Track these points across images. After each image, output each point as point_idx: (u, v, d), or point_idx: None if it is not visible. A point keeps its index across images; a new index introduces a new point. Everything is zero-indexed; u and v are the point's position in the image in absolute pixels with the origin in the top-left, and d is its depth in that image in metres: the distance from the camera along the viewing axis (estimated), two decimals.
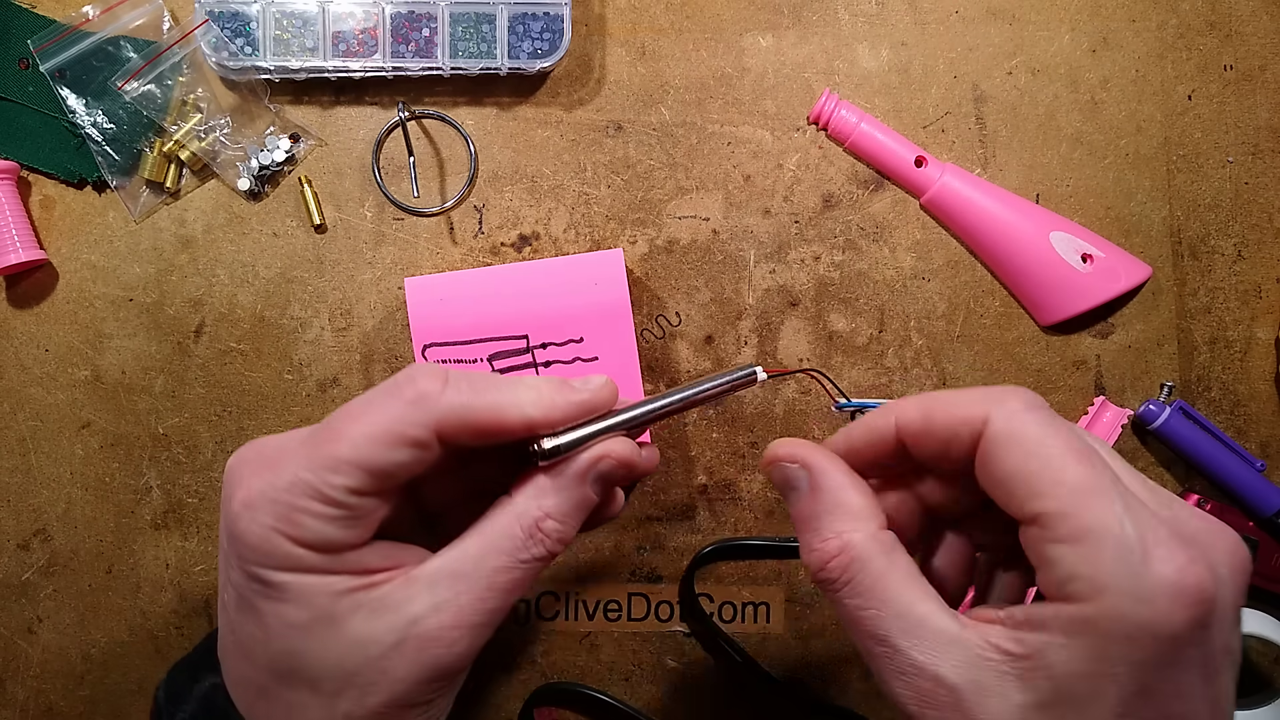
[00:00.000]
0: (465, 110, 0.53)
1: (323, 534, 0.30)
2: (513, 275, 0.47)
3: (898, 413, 0.31)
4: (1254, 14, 0.54)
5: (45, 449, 0.52)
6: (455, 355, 0.46)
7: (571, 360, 0.46)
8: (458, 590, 0.33)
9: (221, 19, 0.50)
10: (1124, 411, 0.53)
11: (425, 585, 0.33)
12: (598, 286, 0.47)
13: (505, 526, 0.34)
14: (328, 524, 0.30)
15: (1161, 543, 0.25)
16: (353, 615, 0.32)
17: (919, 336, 0.54)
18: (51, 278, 0.52)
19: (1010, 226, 0.52)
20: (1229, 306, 0.54)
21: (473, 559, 0.33)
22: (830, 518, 0.31)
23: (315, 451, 0.30)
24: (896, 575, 0.29)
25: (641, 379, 0.46)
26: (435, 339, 0.46)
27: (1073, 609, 0.25)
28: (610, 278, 0.47)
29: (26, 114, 0.51)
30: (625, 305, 0.47)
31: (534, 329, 0.47)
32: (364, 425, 0.30)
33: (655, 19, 0.54)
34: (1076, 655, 0.25)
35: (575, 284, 0.47)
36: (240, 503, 0.30)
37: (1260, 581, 0.52)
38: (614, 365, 0.46)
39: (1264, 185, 0.54)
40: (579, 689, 0.53)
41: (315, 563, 0.31)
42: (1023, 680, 0.26)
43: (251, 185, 0.52)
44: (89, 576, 0.52)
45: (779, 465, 0.33)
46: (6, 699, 0.52)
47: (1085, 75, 0.54)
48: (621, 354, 0.47)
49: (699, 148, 0.53)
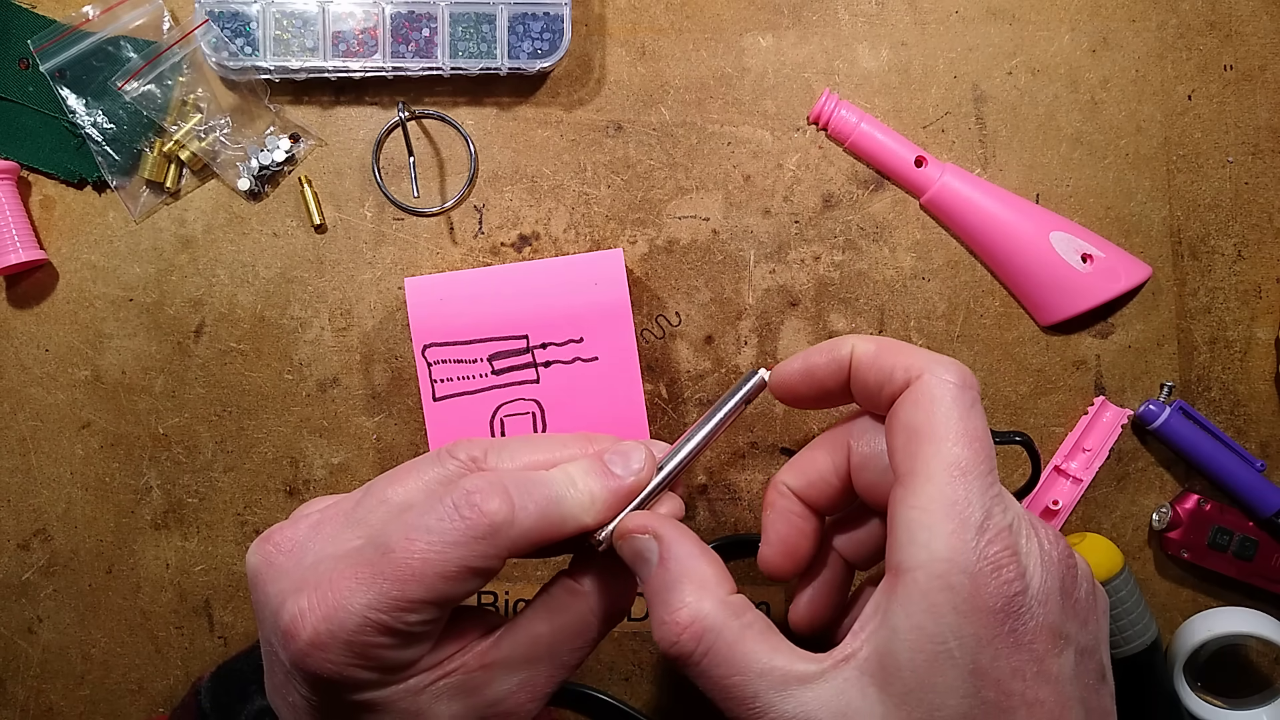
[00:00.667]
0: (465, 110, 0.53)
1: (400, 658, 0.30)
2: (512, 275, 0.47)
3: (855, 342, 0.32)
4: (1254, 14, 0.54)
5: (45, 449, 0.52)
6: (455, 355, 0.46)
7: (571, 360, 0.46)
8: (534, 672, 0.33)
9: (221, 19, 0.50)
10: (1124, 412, 0.53)
11: (502, 670, 0.33)
12: (598, 286, 0.47)
13: (580, 617, 0.34)
14: (403, 650, 0.30)
15: (997, 528, 0.27)
16: (435, 704, 0.32)
17: (919, 336, 0.54)
18: (51, 278, 0.52)
19: (1010, 226, 0.52)
20: (1229, 306, 0.54)
21: (546, 645, 0.34)
22: (680, 588, 0.30)
23: (384, 588, 0.29)
24: (752, 636, 0.29)
25: (641, 379, 0.46)
26: (435, 339, 0.46)
27: (907, 578, 0.27)
28: (610, 277, 0.47)
29: (26, 114, 0.51)
30: (625, 305, 0.47)
31: (534, 329, 0.47)
32: (436, 564, 0.29)
33: (655, 19, 0.54)
34: (914, 639, 0.26)
35: (575, 284, 0.47)
36: (309, 644, 0.29)
37: (1261, 581, 0.52)
38: (614, 365, 0.46)
39: (1264, 185, 0.54)
40: (579, 689, 0.53)
41: (394, 675, 0.31)
42: (881, 687, 0.27)
43: (251, 185, 0.52)
44: (89, 576, 0.52)
45: (630, 538, 0.32)
46: (6, 699, 0.52)
47: (1085, 75, 0.54)
48: (621, 354, 0.47)
49: (699, 148, 0.53)
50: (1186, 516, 0.52)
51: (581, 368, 0.47)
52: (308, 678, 0.30)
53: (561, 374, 0.47)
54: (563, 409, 0.46)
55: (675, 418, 0.53)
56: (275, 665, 0.32)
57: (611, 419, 0.46)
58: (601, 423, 0.46)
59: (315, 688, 0.30)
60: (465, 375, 0.46)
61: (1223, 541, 0.51)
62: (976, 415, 0.29)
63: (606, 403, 0.46)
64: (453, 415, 0.46)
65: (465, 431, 0.44)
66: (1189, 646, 0.51)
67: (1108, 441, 0.53)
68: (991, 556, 0.26)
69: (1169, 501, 0.53)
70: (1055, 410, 0.54)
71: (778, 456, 0.53)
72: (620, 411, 0.46)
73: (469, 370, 0.46)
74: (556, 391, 0.46)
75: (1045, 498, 0.53)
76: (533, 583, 0.53)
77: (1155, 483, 0.54)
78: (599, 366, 0.47)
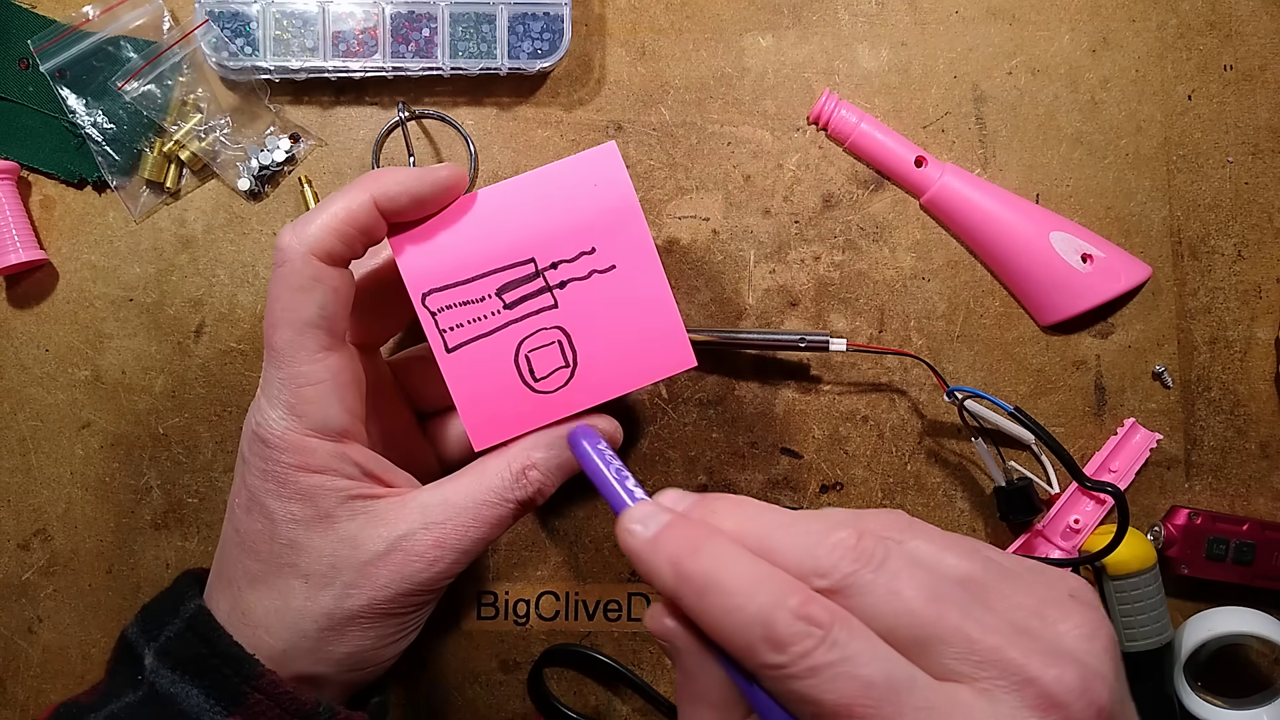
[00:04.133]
0: (465, 110, 0.53)
1: (328, 411, 0.37)
2: (501, 195, 0.41)
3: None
4: (1254, 14, 0.54)
5: (45, 449, 0.52)
6: (459, 297, 0.40)
7: (587, 274, 0.41)
8: (448, 516, 0.38)
9: (221, 19, 0.50)
10: (1154, 435, 0.53)
11: (419, 507, 0.38)
12: (598, 188, 0.41)
13: (497, 468, 0.39)
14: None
15: None
16: (350, 519, 0.37)
17: (919, 336, 0.54)
18: (51, 278, 0.52)
19: (1010, 226, 0.52)
20: (1229, 306, 0.54)
21: (464, 492, 0.38)
22: (699, 705, 0.31)
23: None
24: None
25: (667, 279, 0.41)
26: (433, 284, 0.40)
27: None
28: (609, 176, 0.41)
29: (26, 114, 0.51)
30: (632, 202, 0.41)
31: (539, 249, 0.41)
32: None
33: (655, 19, 0.54)
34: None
35: (573, 190, 0.41)
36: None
37: (1263, 583, 0.52)
38: (634, 270, 0.41)
39: (1264, 185, 0.54)
40: (580, 650, 0.53)
41: (325, 459, 0.37)
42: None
43: (251, 185, 0.52)
44: (89, 576, 0.52)
45: (656, 638, 0.33)
46: (6, 699, 0.52)
47: (1085, 75, 0.54)
48: (640, 256, 0.41)
49: (699, 148, 0.53)
50: (1180, 533, 0.51)
51: (600, 281, 0.41)
52: (255, 447, 0.38)
53: (580, 292, 0.41)
54: (590, 331, 0.41)
55: (675, 418, 0.53)
56: (240, 454, 0.39)
57: (643, 331, 0.41)
58: (633, 336, 0.41)
59: (261, 455, 0.37)
60: (475, 317, 0.40)
61: (1220, 551, 0.51)
62: None
63: (635, 314, 0.41)
64: (472, 363, 0.40)
65: (490, 380, 0.40)
66: (1189, 646, 0.51)
67: (1135, 464, 0.53)
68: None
69: (1160, 520, 0.53)
70: (1055, 410, 0.54)
71: (778, 456, 0.53)
72: (651, 320, 0.41)
73: (478, 311, 0.40)
74: (579, 313, 0.41)
75: (1066, 517, 0.52)
76: (533, 582, 0.53)
77: (1155, 484, 0.54)
78: (618, 276, 0.41)
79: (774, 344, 0.51)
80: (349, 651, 0.38)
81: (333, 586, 0.37)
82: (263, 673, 0.36)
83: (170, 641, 0.38)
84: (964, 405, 0.50)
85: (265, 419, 0.37)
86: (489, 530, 0.39)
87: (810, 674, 0.25)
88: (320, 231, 0.36)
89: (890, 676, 0.24)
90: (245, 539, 0.38)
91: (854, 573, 0.27)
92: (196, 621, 0.38)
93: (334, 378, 0.37)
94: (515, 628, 0.53)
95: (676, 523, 0.30)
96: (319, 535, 0.37)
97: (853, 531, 0.27)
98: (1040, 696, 0.24)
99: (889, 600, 0.26)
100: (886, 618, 0.26)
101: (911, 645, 0.26)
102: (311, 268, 0.36)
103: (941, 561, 0.28)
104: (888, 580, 0.26)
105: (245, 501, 0.38)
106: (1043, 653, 0.25)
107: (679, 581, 0.28)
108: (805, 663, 0.25)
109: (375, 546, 0.37)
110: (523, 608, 0.53)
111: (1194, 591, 0.53)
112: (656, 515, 0.31)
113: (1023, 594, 0.27)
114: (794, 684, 0.25)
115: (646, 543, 0.30)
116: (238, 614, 0.38)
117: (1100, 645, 0.26)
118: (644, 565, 0.30)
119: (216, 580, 0.40)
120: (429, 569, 0.37)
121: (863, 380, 0.54)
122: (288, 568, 0.37)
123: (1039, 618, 0.27)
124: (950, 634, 0.25)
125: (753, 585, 0.26)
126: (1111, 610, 0.51)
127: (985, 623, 0.26)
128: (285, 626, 0.37)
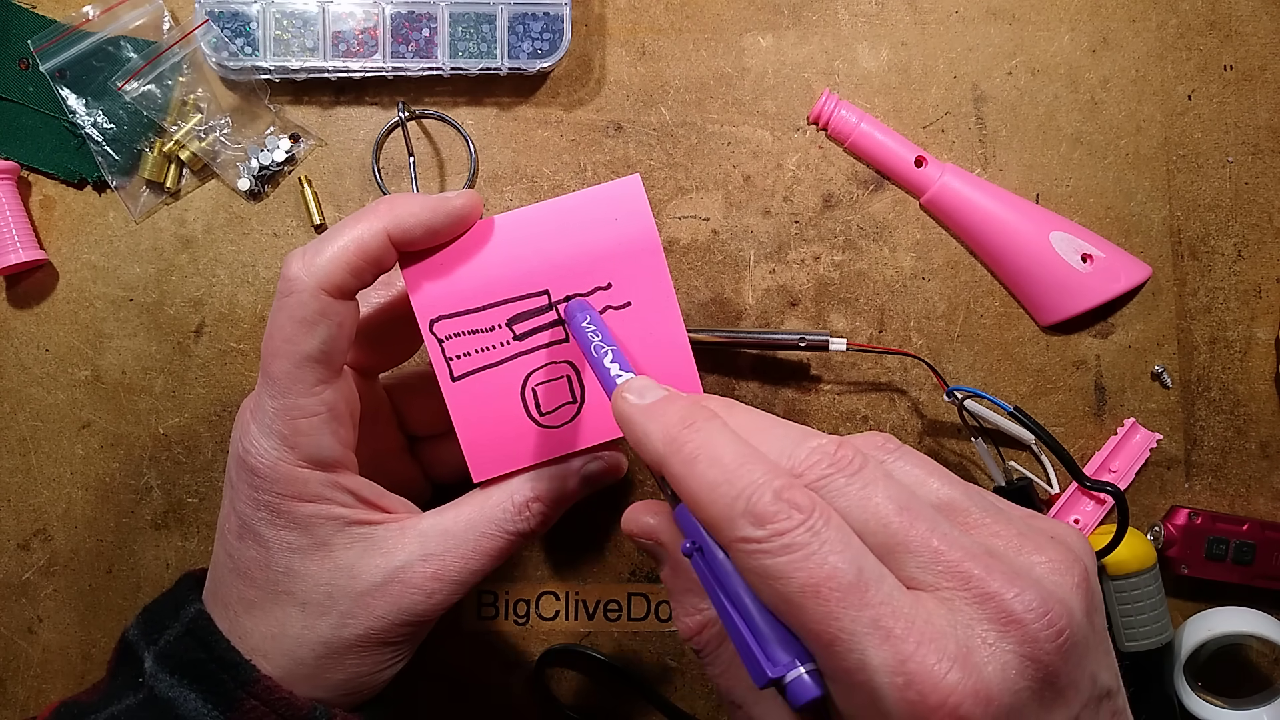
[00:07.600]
0: (465, 110, 0.53)
1: (321, 443, 0.36)
2: (518, 223, 0.40)
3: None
4: (1254, 14, 0.54)
5: (45, 449, 0.52)
6: (468, 325, 0.39)
7: (602, 310, 0.40)
8: (446, 547, 0.37)
9: (221, 19, 0.50)
10: (1154, 435, 0.53)
11: (417, 537, 0.37)
12: (619, 221, 0.40)
13: (499, 499, 0.38)
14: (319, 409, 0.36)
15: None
16: (348, 547, 0.37)
17: (919, 336, 0.54)
18: (51, 278, 0.52)
19: (1010, 226, 0.52)
20: (1229, 306, 0.54)
21: (464, 522, 0.38)
22: (690, 595, 0.33)
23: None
24: None
25: (683, 321, 0.40)
26: (443, 310, 0.39)
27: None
28: (631, 209, 0.39)
29: (26, 114, 0.51)
30: (653, 238, 0.39)
31: (554, 281, 0.39)
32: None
33: (655, 19, 0.54)
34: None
35: (592, 222, 0.40)
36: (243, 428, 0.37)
37: (1264, 582, 0.52)
38: (650, 309, 0.40)
39: (1264, 185, 0.54)
40: (580, 650, 0.53)
41: (318, 489, 0.36)
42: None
43: (251, 185, 0.52)
44: (89, 576, 0.52)
45: (636, 539, 0.34)
46: (6, 699, 0.52)
47: (1085, 75, 0.54)
48: (657, 294, 0.40)
49: (699, 148, 0.53)
50: (1179, 533, 0.51)
51: (614, 317, 0.40)
52: (246, 476, 0.36)
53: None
54: None
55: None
56: (228, 478, 0.38)
57: (657, 370, 0.39)
58: (647, 375, 0.41)
59: (254, 486, 0.36)
60: (484, 346, 0.39)
61: (1219, 551, 0.51)
62: None
63: (648, 353, 0.40)
64: (477, 393, 0.39)
65: (494, 412, 0.39)
66: (1189, 646, 0.51)
67: (1135, 464, 0.53)
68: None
69: (1160, 520, 0.53)
70: (1055, 410, 0.54)
71: None
72: (666, 360, 0.40)
73: (487, 340, 0.39)
74: None
75: (1066, 517, 0.52)
76: (533, 582, 0.53)
77: (1156, 483, 0.54)
78: (633, 313, 0.40)
79: (774, 344, 0.51)
80: (345, 678, 0.37)
81: (330, 615, 0.37)
82: (259, 678, 0.36)
83: (170, 645, 0.38)
84: (964, 405, 0.50)
85: (257, 447, 0.36)
86: (488, 562, 0.38)
87: (785, 551, 0.25)
88: (330, 265, 0.35)
89: (860, 569, 0.25)
90: (239, 565, 0.37)
91: (828, 476, 0.27)
92: (196, 625, 0.38)
93: (329, 410, 0.36)
94: (515, 628, 0.53)
95: (673, 397, 0.31)
96: (315, 563, 0.36)
97: (834, 441, 0.28)
98: (1000, 611, 0.25)
99: (860, 505, 0.26)
100: (856, 523, 0.26)
101: (879, 551, 0.26)
102: (319, 302, 0.35)
103: (924, 483, 0.29)
104: (860, 488, 0.27)
105: (237, 528, 0.37)
106: (1007, 573, 0.25)
107: (669, 447, 0.28)
108: (781, 540, 0.25)
109: (372, 577, 0.37)
110: (523, 608, 0.53)
111: (1194, 591, 0.53)
112: (654, 389, 0.31)
113: (1003, 526, 0.28)
114: (767, 559, 0.25)
115: (641, 408, 0.30)
116: (235, 638, 0.37)
117: (1072, 580, 0.26)
118: (636, 430, 0.30)
119: (212, 601, 0.39)
120: (426, 600, 0.37)
121: (863, 380, 0.54)
122: (284, 595, 0.37)
123: (1014, 549, 0.27)
124: (917, 544, 0.26)
125: (740, 462, 0.27)
126: (1111, 610, 0.51)
127: (954, 539, 0.26)
128: (282, 653, 0.37)
